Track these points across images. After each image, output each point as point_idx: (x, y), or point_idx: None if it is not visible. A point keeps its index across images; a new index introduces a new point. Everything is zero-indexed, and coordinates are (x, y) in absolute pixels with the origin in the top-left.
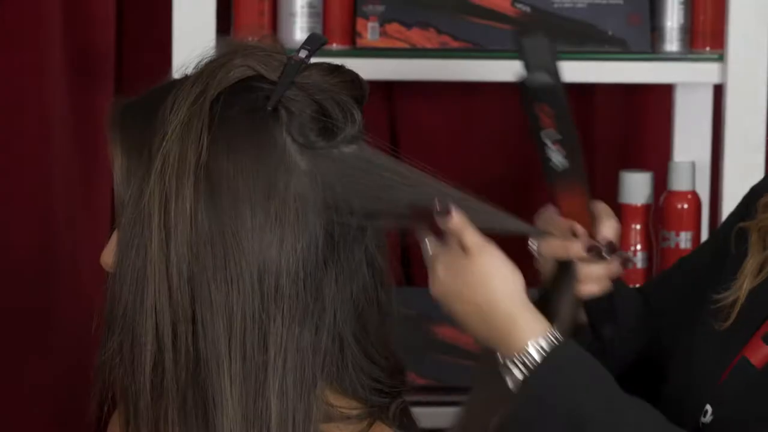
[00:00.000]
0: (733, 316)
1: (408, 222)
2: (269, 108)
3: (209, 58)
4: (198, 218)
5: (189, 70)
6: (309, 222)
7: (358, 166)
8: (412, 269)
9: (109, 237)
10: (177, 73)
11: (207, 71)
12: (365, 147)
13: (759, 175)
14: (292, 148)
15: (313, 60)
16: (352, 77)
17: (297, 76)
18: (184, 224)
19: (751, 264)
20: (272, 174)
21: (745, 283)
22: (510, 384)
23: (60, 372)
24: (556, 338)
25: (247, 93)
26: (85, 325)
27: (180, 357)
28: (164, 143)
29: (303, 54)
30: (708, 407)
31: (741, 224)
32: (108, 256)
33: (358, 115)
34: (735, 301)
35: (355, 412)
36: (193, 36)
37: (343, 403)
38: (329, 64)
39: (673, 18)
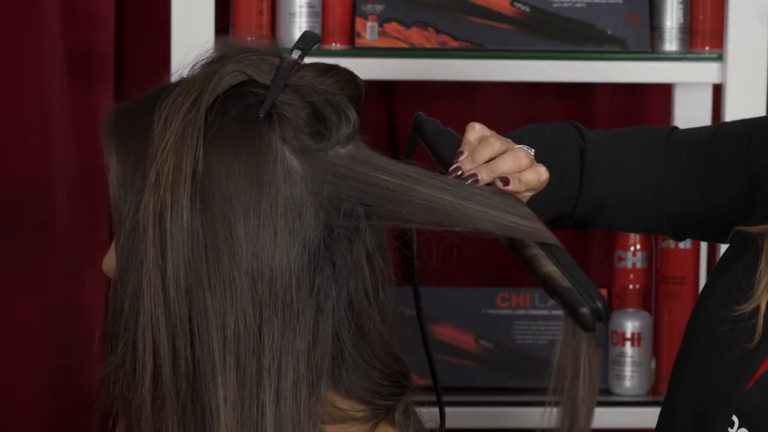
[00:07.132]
0: (758, 333)
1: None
2: (261, 115)
3: (203, 61)
4: (194, 227)
5: (186, 71)
6: (304, 225)
7: (354, 167)
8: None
9: (109, 242)
10: (175, 73)
11: (199, 79)
12: (362, 146)
13: None
14: (286, 151)
15: (308, 60)
16: (347, 76)
17: (291, 78)
18: (181, 235)
19: (766, 277)
20: (265, 178)
21: (763, 294)
22: None
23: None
24: None
25: (240, 99)
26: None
27: (179, 369)
28: (158, 155)
29: (296, 54)
30: (735, 418)
31: (741, 228)
32: (108, 263)
33: (353, 115)
34: (756, 311)
35: (360, 414)
36: (192, 35)
37: (347, 405)
38: (324, 64)
39: (672, 17)
